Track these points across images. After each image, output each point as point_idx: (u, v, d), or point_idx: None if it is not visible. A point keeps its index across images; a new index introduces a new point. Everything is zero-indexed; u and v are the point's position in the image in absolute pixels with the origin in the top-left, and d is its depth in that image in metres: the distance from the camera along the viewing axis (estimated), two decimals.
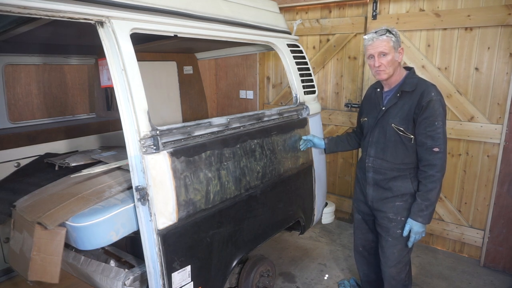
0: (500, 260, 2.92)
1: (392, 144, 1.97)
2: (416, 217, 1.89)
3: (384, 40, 1.85)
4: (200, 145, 1.76)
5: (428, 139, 1.84)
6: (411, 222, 1.92)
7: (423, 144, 1.87)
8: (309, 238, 3.50)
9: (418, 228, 1.91)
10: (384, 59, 1.87)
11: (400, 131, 1.92)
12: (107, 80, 2.59)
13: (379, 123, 2.01)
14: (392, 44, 1.86)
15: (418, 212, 1.89)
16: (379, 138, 2.01)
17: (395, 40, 1.86)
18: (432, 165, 1.84)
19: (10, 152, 2.59)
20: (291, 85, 2.53)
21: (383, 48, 1.85)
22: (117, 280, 1.74)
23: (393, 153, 1.97)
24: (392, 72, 1.91)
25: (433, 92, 1.83)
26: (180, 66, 3.53)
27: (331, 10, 3.63)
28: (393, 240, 2.03)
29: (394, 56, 1.87)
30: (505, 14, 2.65)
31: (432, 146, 1.83)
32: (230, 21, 2.11)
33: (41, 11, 1.29)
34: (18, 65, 3.07)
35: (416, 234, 1.92)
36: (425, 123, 1.83)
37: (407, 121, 1.90)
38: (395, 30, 1.89)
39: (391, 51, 1.86)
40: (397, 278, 2.10)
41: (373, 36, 1.88)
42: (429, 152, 1.85)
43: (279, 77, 4.22)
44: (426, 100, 1.82)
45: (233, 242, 1.98)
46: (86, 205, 1.67)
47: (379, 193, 2.06)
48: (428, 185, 1.86)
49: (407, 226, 1.94)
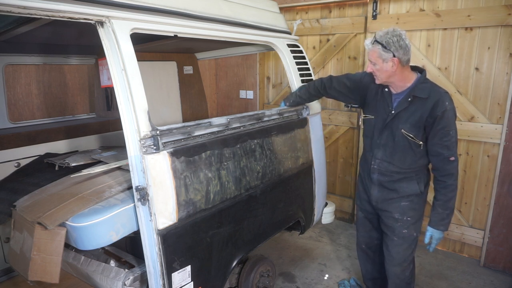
0: (500, 260, 2.92)
1: (400, 149, 1.94)
2: (438, 226, 1.92)
3: (372, 49, 1.81)
4: (200, 145, 1.76)
5: (444, 149, 1.83)
6: (432, 231, 1.95)
7: (439, 154, 1.85)
8: (309, 238, 3.50)
9: (439, 235, 1.94)
10: (374, 67, 1.84)
11: (410, 137, 1.89)
12: (107, 80, 2.59)
13: (388, 126, 1.95)
14: (379, 55, 1.77)
15: (439, 222, 1.91)
16: (388, 141, 1.97)
17: (383, 52, 1.75)
18: (450, 175, 1.85)
19: (10, 152, 2.59)
20: (291, 85, 2.53)
21: (370, 57, 1.83)
22: (117, 280, 1.74)
23: (401, 158, 1.95)
24: (385, 79, 1.85)
25: (447, 102, 1.79)
26: (180, 66, 3.52)
27: (331, 10, 3.63)
28: (398, 240, 2.03)
29: (382, 67, 1.79)
30: (505, 14, 2.65)
31: (449, 156, 1.83)
32: (230, 21, 2.11)
33: (41, 11, 1.30)
34: (18, 65, 3.07)
35: (437, 240, 1.96)
36: (441, 133, 1.81)
37: (418, 128, 1.86)
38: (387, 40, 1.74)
39: (378, 61, 1.79)
40: (401, 276, 2.10)
41: (367, 43, 1.85)
42: (447, 162, 1.84)
43: (279, 77, 4.21)
44: (441, 111, 1.77)
45: (233, 242, 1.98)
46: (86, 205, 1.67)
47: (384, 194, 2.05)
48: (448, 194, 1.88)
49: (428, 233, 1.97)
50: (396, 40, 1.73)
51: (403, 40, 1.75)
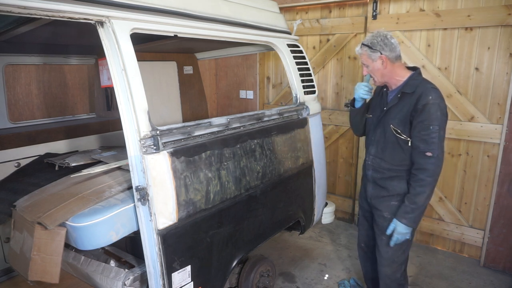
0: (500, 260, 2.92)
1: (390, 145, 1.97)
2: (401, 218, 1.90)
3: (361, 53, 1.97)
4: (200, 145, 1.76)
5: (421, 142, 1.82)
6: (396, 222, 1.93)
7: (416, 147, 1.86)
8: (309, 238, 3.50)
9: (401, 229, 1.90)
10: (367, 69, 1.98)
11: (397, 133, 1.92)
12: (107, 80, 2.59)
13: (381, 123, 2.02)
14: (368, 56, 1.93)
15: (403, 214, 1.89)
16: (380, 137, 2.03)
17: (370, 53, 1.90)
18: (423, 169, 1.83)
19: (10, 152, 2.59)
20: (291, 85, 2.53)
21: (362, 60, 1.98)
22: (117, 280, 1.74)
23: (391, 154, 1.98)
24: (381, 79, 1.97)
25: (431, 96, 1.80)
26: (180, 66, 3.53)
27: (331, 10, 3.63)
28: (386, 239, 2.03)
29: (374, 66, 1.93)
30: (505, 14, 2.65)
31: (425, 150, 1.81)
32: (230, 21, 2.11)
33: (41, 11, 1.30)
34: (18, 65, 3.07)
35: (399, 235, 1.92)
36: (420, 126, 1.82)
37: (405, 123, 1.89)
38: (373, 40, 1.89)
39: (369, 62, 1.94)
40: (392, 277, 2.10)
41: (356, 49, 2.00)
42: (422, 156, 1.83)
43: (279, 77, 4.21)
44: (423, 103, 1.80)
45: (233, 242, 1.98)
46: (86, 205, 1.67)
47: (377, 191, 2.08)
48: (417, 188, 1.85)
49: (392, 225, 1.95)
50: (381, 39, 1.89)
51: (388, 39, 1.89)
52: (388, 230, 1.97)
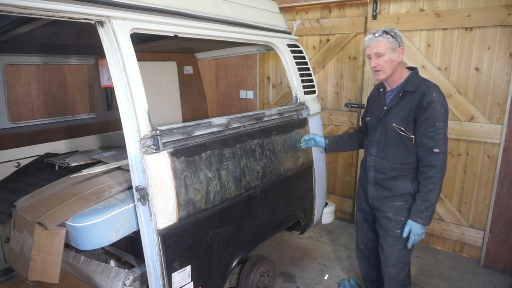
0: (500, 260, 2.92)
1: (393, 144, 1.97)
2: (416, 218, 1.89)
3: (380, 41, 1.88)
4: (200, 145, 1.76)
5: (428, 139, 1.84)
6: (411, 223, 1.92)
7: (423, 145, 1.86)
8: (309, 238, 3.50)
9: (417, 229, 1.90)
10: (381, 60, 1.89)
11: (401, 131, 1.92)
12: (107, 80, 2.59)
13: (381, 123, 2.02)
14: (389, 45, 1.87)
15: (418, 213, 1.88)
16: (381, 137, 2.02)
17: (392, 41, 1.86)
18: (432, 166, 1.84)
19: (10, 152, 2.59)
20: (291, 85, 2.53)
21: (378, 49, 1.88)
22: (117, 280, 1.74)
23: (394, 153, 1.97)
24: (391, 72, 1.92)
25: (434, 93, 1.83)
26: (180, 66, 3.53)
27: (331, 10, 3.63)
28: (392, 240, 2.03)
29: (391, 57, 1.88)
30: (505, 14, 2.65)
31: (433, 147, 1.83)
32: (230, 21, 2.11)
33: (41, 11, 1.30)
34: (18, 65, 3.07)
35: (416, 236, 1.92)
36: (426, 123, 1.83)
37: (408, 121, 1.90)
38: (394, 31, 1.89)
39: (387, 51, 1.87)
40: (397, 278, 2.10)
41: (370, 37, 1.92)
42: (429, 153, 1.85)
43: (279, 77, 4.21)
44: (427, 101, 1.82)
45: (233, 242, 1.98)
46: (86, 205, 1.67)
47: (379, 192, 2.07)
48: (428, 186, 1.86)
49: (407, 227, 1.94)
50: (398, 33, 1.91)
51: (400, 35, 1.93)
52: (404, 233, 1.95)
